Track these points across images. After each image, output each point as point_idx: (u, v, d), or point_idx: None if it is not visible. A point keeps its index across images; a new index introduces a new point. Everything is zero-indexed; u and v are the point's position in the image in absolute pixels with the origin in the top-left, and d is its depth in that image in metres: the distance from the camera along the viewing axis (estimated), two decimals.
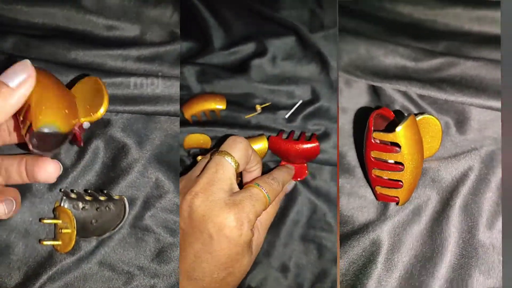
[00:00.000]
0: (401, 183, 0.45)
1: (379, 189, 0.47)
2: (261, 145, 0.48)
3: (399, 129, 0.42)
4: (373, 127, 0.44)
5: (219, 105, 0.50)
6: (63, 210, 0.44)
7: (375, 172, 0.46)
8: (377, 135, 0.44)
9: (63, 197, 0.44)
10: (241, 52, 0.54)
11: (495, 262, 0.45)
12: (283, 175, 0.45)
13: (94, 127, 0.47)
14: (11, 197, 0.40)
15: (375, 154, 0.44)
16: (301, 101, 0.51)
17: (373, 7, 0.54)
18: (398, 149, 0.43)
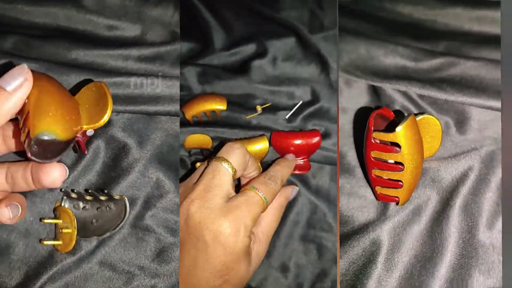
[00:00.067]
0: (401, 183, 0.45)
1: (379, 189, 0.47)
2: (261, 146, 0.48)
3: (399, 129, 0.42)
4: (373, 127, 0.44)
5: (220, 106, 0.50)
6: (63, 210, 0.44)
7: (375, 172, 0.46)
8: (377, 135, 0.44)
9: (64, 197, 0.44)
10: (241, 53, 0.54)
11: (495, 262, 0.45)
12: (281, 171, 0.44)
13: None
14: (16, 202, 0.40)
15: (375, 154, 0.45)
16: (301, 102, 0.51)
17: (373, 7, 0.54)
18: (398, 149, 0.43)
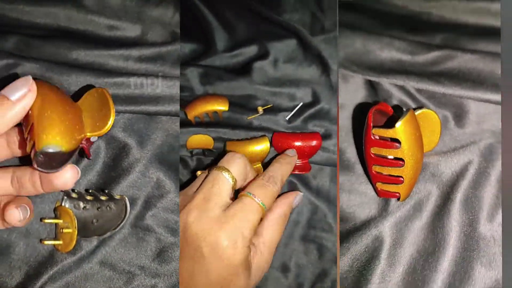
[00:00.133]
0: (402, 179, 0.45)
1: (380, 185, 0.47)
2: (263, 146, 0.48)
3: (399, 124, 0.42)
4: (372, 123, 0.44)
5: (222, 107, 0.50)
6: (64, 209, 0.44)
7: (376, 168, 0.46)
8: (376, 131, 0.44)
9: (64, 196, 0.44)
10: (243, 54, 0.54)
11: (496, 254, 0.45)
12: (281, 169, 0.43)
13: None
14: (25, 204, 0.40)
15: (375, 150, 0.44)
16: (302, 103, 0.52)
17: (368, 0, 0.54)
18: (398, 145, 0.43)
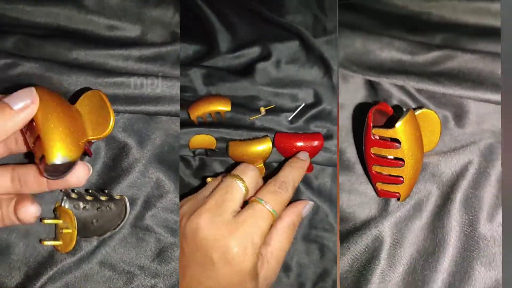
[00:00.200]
0: (402, 179, 0.44)
1: (380, 185, 0.46)
2: (265, 146, 0.48)
3: (399, 124, 0.42)
4: (372, 123, 0.44)
5: (224, 107, 0.50)
6: (63, 210, 0.43)
7: (376, 168, 0.46)
8: (376, 131, 0.43)
9: (64, 197, 0.44)
10: (246, 55, 0.55)
11: (496, 254, 0.45)
12: (293, 175, 0.43)
13: None
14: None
15: (375, 150, 0.44)
16: (304, 104, 0.52)
17: (368, 0, 0.54)
18: (398, 145, 0.42)
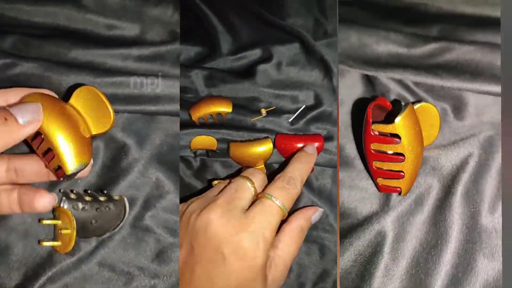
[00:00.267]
0: (403, 174, 0.44)
1: (381, 181, 0.46)
2: (266, 147, 0.49)
3: (398, 120, 0.41)
4: (371, 119, 0.44)
5: (226, 108, 0.50)
6: (62, 210, 0.43)
7: (376, 164, 0.45)
8: (376, 127, 0.43)
9: (63, 197, 0.44)
10: (247, 57, 0.55)
11: (498, 245, 0.45)
12: (300, 170, 0.43)
13: None
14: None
15: (375, 146, 0.44)
16: (304, 106, 0.52)
17: None
18: (398, 140, 0.42)
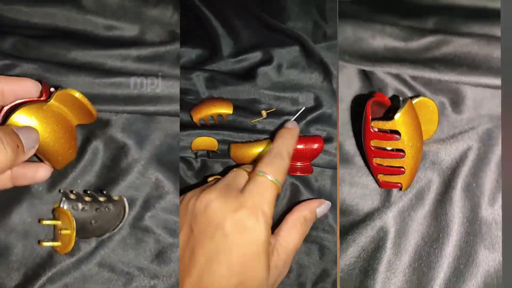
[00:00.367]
0: (403, 169, 0.44)
1: (381, 177, 0.46)
2: (266, 148, 0.48)
3: (398, 116, 0.41)
4: (370, 116, 0.44)
5: (226, 110, 0.51)
6: (62, 211, 0.43)
7: (376, 160, 0.45)
8: (375, 124, 0.43)
9: (63, 198, 0.44)
10: (248, 60, 0.55)
11: (498, 236, 0.45)
12: (286, 144, 0.44)
13: (93, 128, 0.47)
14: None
15: (375, 143, 0.44)
16: (304, 108, 0.52)
17: None
18: (398, 136, 0.42)
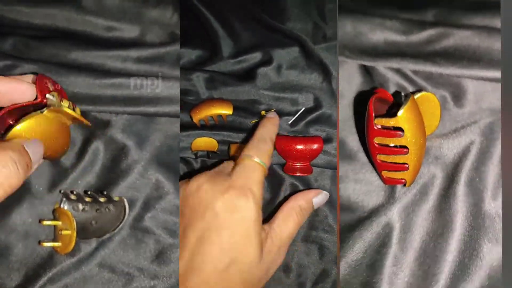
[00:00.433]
0: (407, 166, 0.44)
1: (385, 174, 0.46)
2: None
3: (401, 113, 0.41)
4: (373, 113, 0.43)
5: (226, 111, 0.51)
6: (63, 211, 0.43)
7: (380, 157, 0.45)
8: (378, 121, 0.43)
9: (63, 198, 0.44)
10: (248, 61, 0.56)
11: (501, 230, 0.46)
12: (268, 131, 0.45)
13: (93, 128, 0.47)
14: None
15: (378, 140, 0.44)
16: (304, 108, 0.52)
17: None
18: (401, 133, 0.42)
